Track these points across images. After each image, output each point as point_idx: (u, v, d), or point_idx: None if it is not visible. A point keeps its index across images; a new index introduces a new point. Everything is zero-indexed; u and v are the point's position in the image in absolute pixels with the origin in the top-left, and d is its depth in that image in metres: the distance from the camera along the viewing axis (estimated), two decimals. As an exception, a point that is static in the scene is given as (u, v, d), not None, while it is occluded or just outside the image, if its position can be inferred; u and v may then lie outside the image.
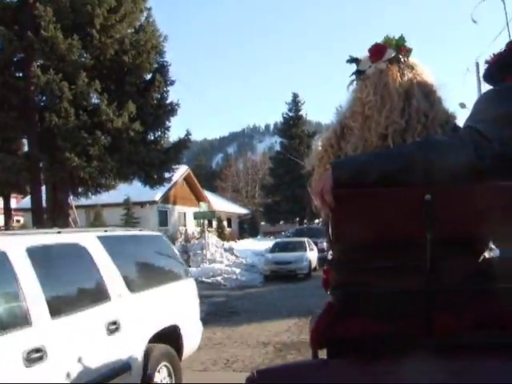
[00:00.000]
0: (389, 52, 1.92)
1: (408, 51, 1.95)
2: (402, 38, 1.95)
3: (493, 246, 1.72)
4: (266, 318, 11.68)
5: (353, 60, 2.01)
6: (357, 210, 1.69)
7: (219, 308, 13.85)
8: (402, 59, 1.93)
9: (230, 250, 25.97)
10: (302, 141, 50.79)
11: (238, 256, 25.43)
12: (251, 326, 10.91)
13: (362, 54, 2.01)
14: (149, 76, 20.26)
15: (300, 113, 54.60)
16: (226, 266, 22.53)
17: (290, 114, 54.35)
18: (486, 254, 1.72)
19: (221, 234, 35.36)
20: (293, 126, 53.12)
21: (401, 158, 1.66)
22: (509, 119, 1.65)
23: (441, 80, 1.96)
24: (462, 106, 12.85)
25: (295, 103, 54.58)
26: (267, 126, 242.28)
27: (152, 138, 20.69)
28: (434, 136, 1.76)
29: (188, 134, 20.92)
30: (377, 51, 1.93)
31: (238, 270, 21.57)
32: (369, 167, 1.66)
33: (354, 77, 2.00)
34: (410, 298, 1.66)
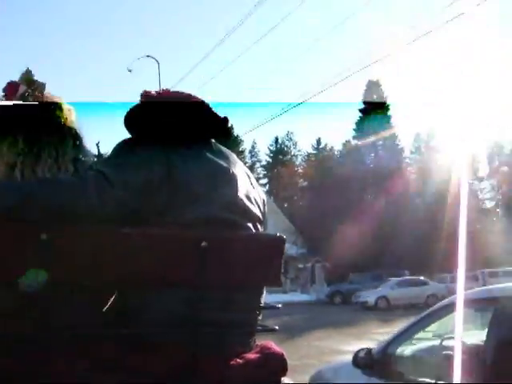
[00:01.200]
0: (21, 88, 1.90)
1: (39, 85, 1.93)
2: (28, 72, 1.94)
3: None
4: None
5: None
6: None
7: None
8: (33, 93, 1.90)
9: None
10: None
11: None
12: None
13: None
14: None
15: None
16: None
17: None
18: (110, 301, 1.66)
19: None
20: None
21: (18, 193, 1.55)
22: (132, 166, 1.68)
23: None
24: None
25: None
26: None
27: None
28: (59, 176, 1.74)
29: None
30: (11, 89, 1.89)
31: None
32: None
33: None
34: (21, 342, 1.52)
